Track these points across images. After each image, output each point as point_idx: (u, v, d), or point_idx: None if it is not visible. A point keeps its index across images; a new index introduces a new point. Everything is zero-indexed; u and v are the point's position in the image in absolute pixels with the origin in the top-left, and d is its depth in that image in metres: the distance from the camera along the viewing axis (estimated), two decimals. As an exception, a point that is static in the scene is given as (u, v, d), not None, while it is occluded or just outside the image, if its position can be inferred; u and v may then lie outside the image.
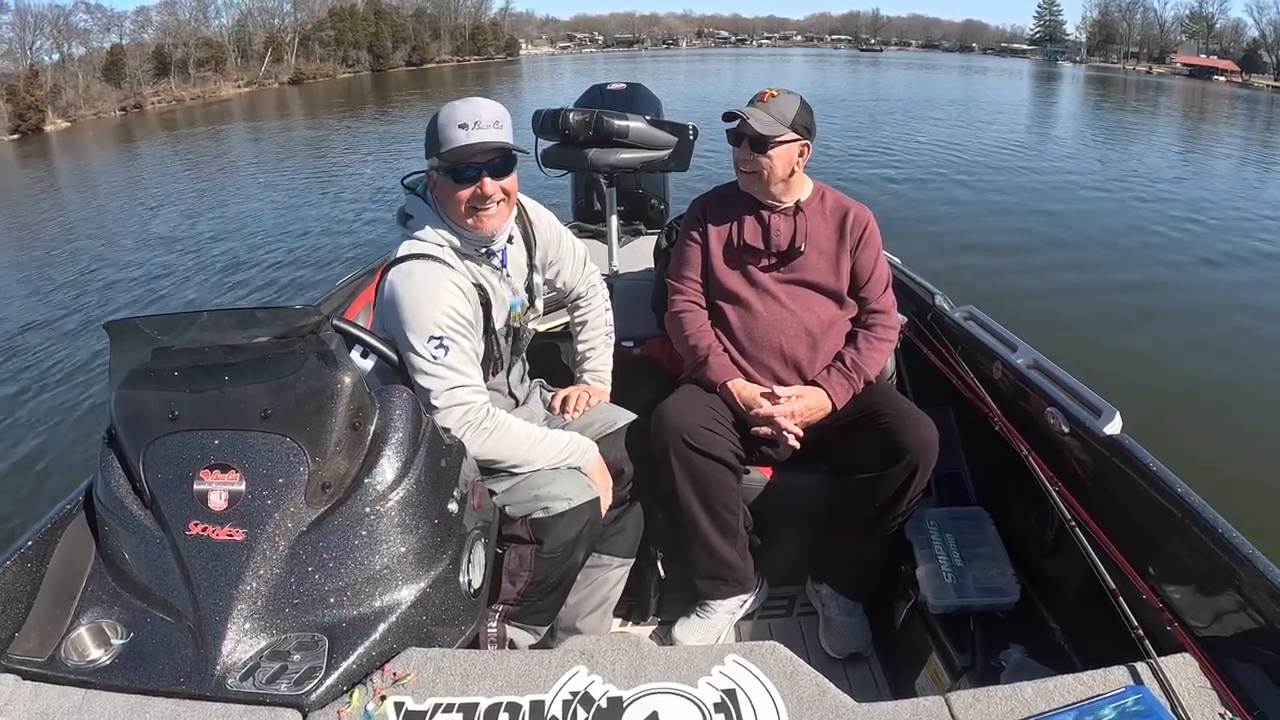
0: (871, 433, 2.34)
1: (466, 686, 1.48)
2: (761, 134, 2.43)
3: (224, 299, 9.66)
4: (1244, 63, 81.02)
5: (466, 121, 2.02)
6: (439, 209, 2.13)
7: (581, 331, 2.72)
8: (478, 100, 2.09)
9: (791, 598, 2.75)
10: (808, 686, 1.48)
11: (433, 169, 2.10)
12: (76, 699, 1.43)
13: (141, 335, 1.68)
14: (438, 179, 2.11)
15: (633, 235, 4.32)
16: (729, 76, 56.93)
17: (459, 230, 2.12)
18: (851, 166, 16.56)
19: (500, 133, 2.05)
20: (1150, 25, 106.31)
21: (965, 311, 2.97)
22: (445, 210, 2.13)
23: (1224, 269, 10.02)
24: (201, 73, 67.01)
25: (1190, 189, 15.45)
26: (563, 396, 2.57)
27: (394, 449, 1.65)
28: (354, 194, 15.76)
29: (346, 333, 1.97)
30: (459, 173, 2.05)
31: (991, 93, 44.67)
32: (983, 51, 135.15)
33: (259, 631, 1.49)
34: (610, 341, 2.74)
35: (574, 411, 2.52)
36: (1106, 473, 2.11)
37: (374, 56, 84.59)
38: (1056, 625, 2.26)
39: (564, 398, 2.57)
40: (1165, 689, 1.45)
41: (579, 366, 2.72)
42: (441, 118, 2.04)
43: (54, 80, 52.99)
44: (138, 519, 1.61)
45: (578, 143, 3.22)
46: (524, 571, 2.12)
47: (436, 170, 2.09)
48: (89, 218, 16.06)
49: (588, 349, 2.71)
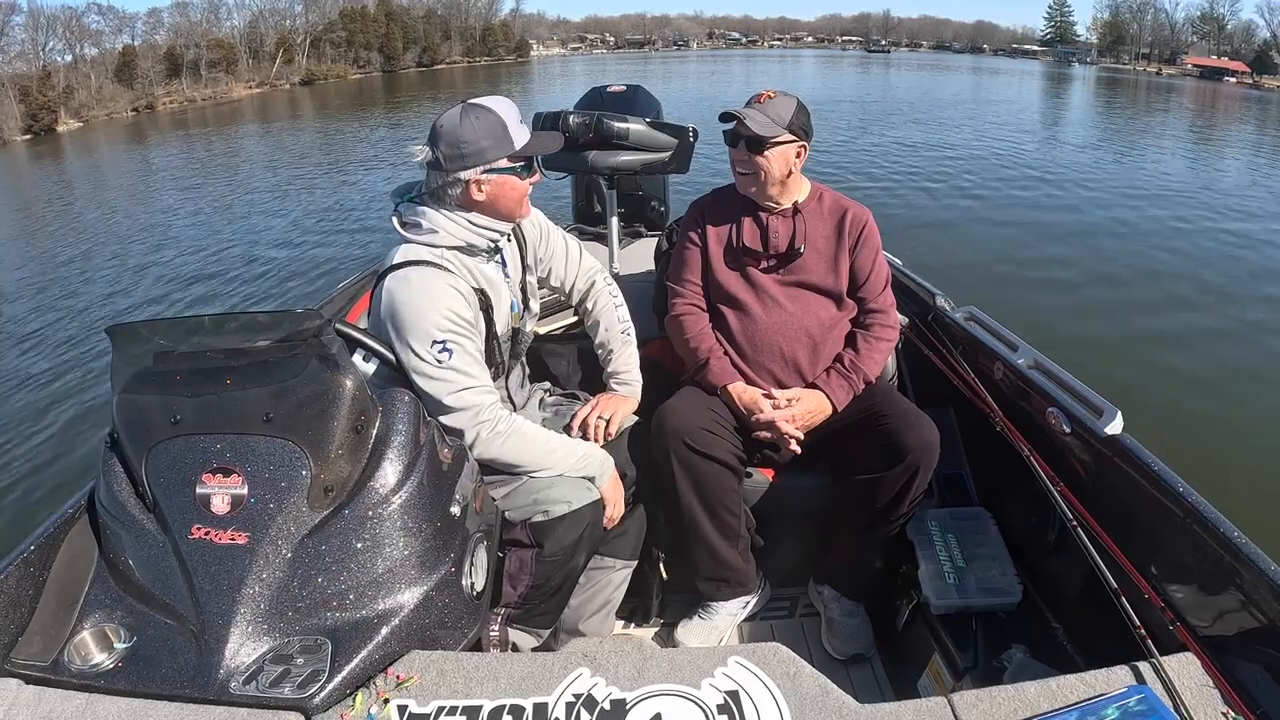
0: (873, 434, 2.34)
1: (470, 689, 1.48)
2: (758, 135, 2.43)
3: (228, 301, 9.70)
4: (1255, 64, 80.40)
5: (519, 118, 2.09)
6: (460, 211, 2.10)
7: (596, 334, 2.61)
8: (499, 99, 2.10)
9: (793, 599, 2.75)
10: (810, 687, 1.48)
11: (487, 172, 2.05)
12: (79, 703, 1.43)
13: (143, 339, 1.69)
14: (500, 179, 2.07)
15: (633, 237, 4.30)
16: (739, 78, 56.80)
17: (478, 228, 2.11)
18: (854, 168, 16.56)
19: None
20: (1161, 26, 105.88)
21: (966, 312, 2.97)
22: (497, 208, 2.12)
23: (1224, 270, 9.98)
24: (213, 74, 67.37)
25: (1193, 190, 15.41)
26: (580, 420, 2.40)
27: (396, 452, 1.65)
28: (362, 195, 15.81)
29: (348, 336, 1.97)
30: (530, 165, 2.12)
31: (1001, 94, 44.45)
32: (993, 53, 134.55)
33: (262, 635, 1.50)
34: (630, 339, 2.60)
35: (595, 436, 2.37)
36: (1108, 472, 2.11)
37: (385, 58, 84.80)
38: (1059, 625, 2.26)
39: (581, 421, 2.40)
40: (1168, 688, 1.45)
41: (605, 374, 2.60)
42: (500, 120, 2.04)
43: (66, 81, 53.39)
44: (140, 523, 1.62)
45: (578, 145, 3.21)
46: (525, 575, 2.12)
47: (499, 171, 2.06)
48: (98, 218, 16.18)
49: (606, 353, 2.58)
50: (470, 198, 2.07)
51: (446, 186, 2.07)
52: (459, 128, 2.00)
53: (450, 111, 2.06)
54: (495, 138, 2.03)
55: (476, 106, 2.04)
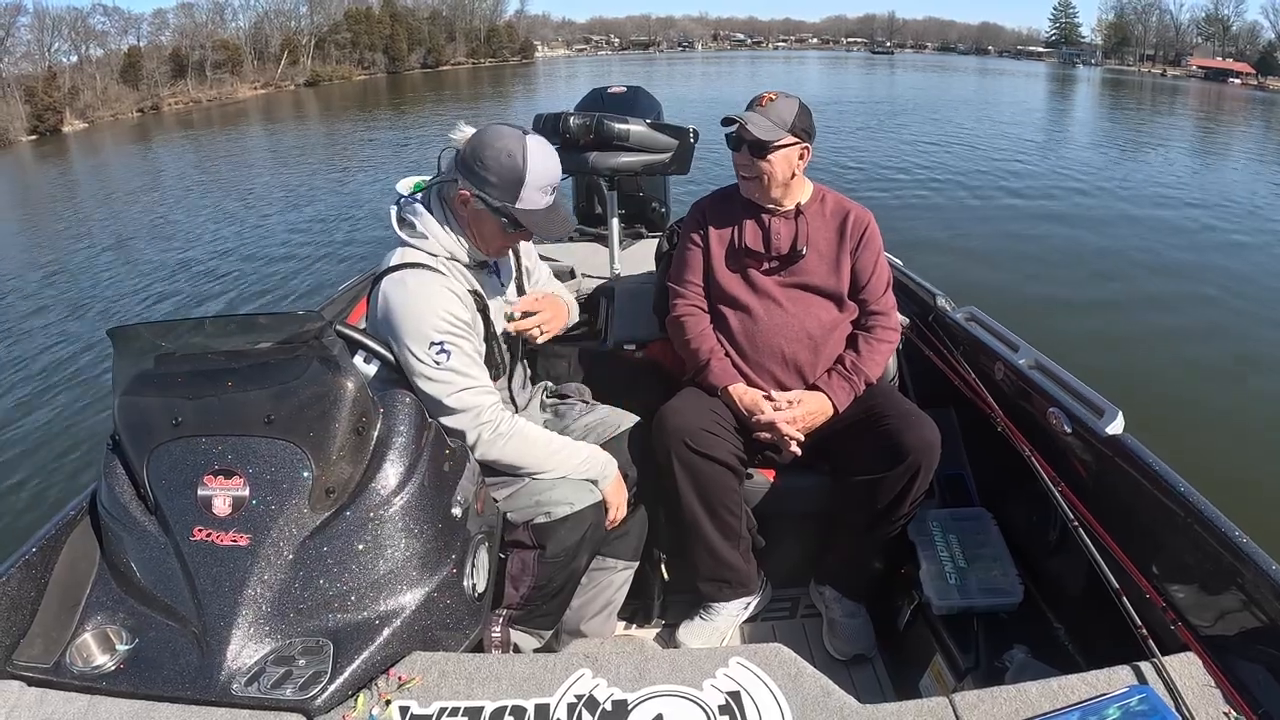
0: (874, 435, 2.34)
1: (471, 690, 1.48)
2: (761, 139, 2.42)
3: (229, 303, 9.72)
4: (1260, 65, 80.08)
5: (550, 186, 2.05)
6: (454, 222, 2.10)
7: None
8: (548, 154, 2.06)
9: (795, 600, 2.75)
10: (812, 688, 1.49)
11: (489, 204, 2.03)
12: (81, 705, 1.44)
13: (145, 341, 1.69)
14: (485, 213, 2.05)
15: (634, 238, 4.32)
16: (744, 79, 56.74)
17: (462, 243, 2.11)
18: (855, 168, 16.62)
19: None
20: (1166, 28, 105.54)
21: (967, 312, 2.97)
22: (474, 232, 2.11)
23: (1224, 269, 9.99)
24: (218, 74, 67.44)
25: (1197, 192, 15.41)
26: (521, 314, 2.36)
27: (397, 453, 1.66)
28: (364, 196, 15.85)
29: (349, 338, 1.98)
30: (517, 226, 2.07)
31: (1006, 95, 44.42)
32: (998, 54, 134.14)
33: (264, 636, 1.50)
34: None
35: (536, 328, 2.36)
36: (1109, 472, 2.11)
37: (389, 59, 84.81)
38: (1060, 625, 2.26)
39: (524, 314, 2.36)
40: (1169, 688, 1.45)
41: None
42: (530, 171, 2.00)
43: (72, 82, 53.43)
44: (142, 525, 1.62)
45: (578, 146, 3.22)
46: (526, 576, 2.12)
47: (493, 210, 2.04)
48: (101, 219, 16.19)
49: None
50: (458, 205, 2.08)
51: (452, 181, 2.08)
52: (491, 147, 1.99)
53: (506, 130, 2.04)
54: (506, 185, 2.00)
55: (522, 146, 2.00)
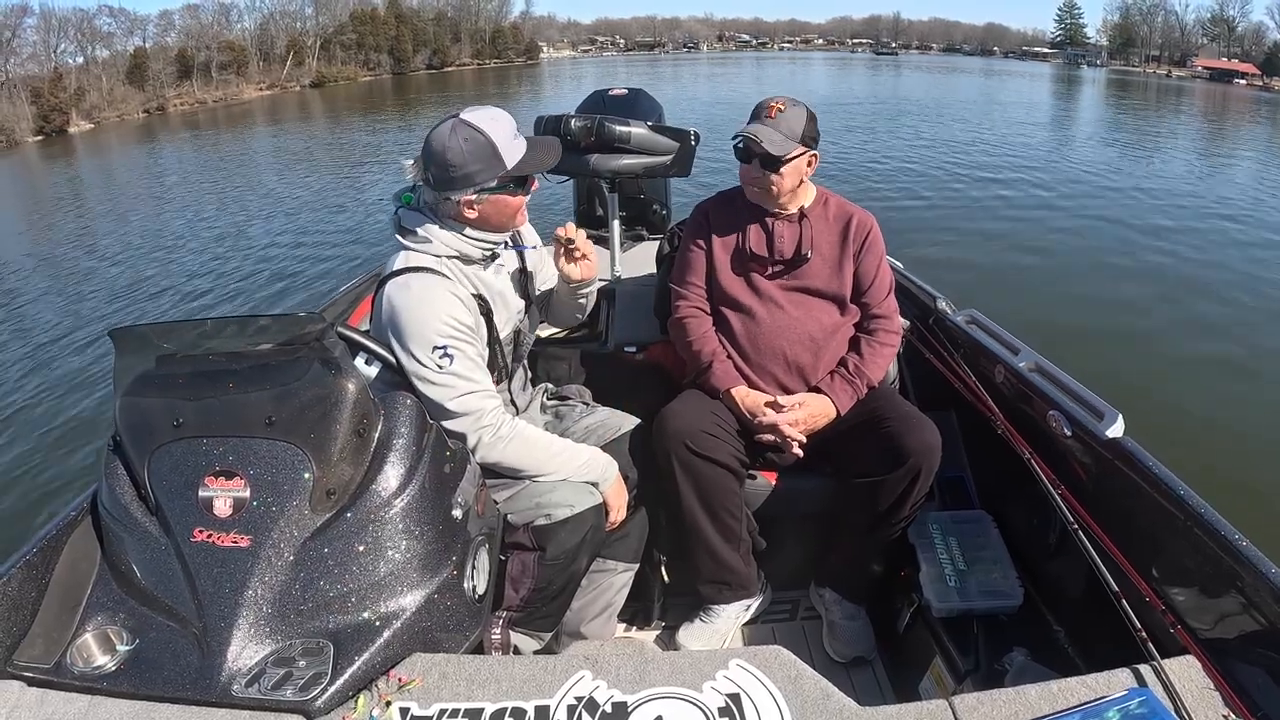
0: (874, 437, 2.33)
1: (472, 692, 1.48)
2: (773, 154, 2.39)
3: (231, 304, 9.74)
4: (1265, 66, 79.78)
5: (513, 131, 2.05)
6: (453, 223, 2.09)
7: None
8: (491, 109, 2.07)
9: (795, 602, 2.75)
10: (812, 690, 1.48)
11: (479, 193, 2.02)
12: (82, 705, 1.44)
13: (146, 342, 1.69)
14: (492, 198, 2.05)
15: (635, 241, 4.31)
16: (749, 80, 56.62)
17: (472, 240, 2.11)
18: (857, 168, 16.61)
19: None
20: (1171, 29, 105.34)
21: (967, 315, 2.97)
22: (492, 223, 2.11)
23: (1227, 270, 9.97)
24: (224, 75, 67.74)
25: (1202, 193, 15.36)
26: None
27: (398, 455, 1.66)
28: (368, 197, 15.83)
29: (350, 339, 1.98)
30: (524, 181, 2.09)
31: (1010, 96, 44.33)
32: (1004, 55, 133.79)
33: (264, 638, 1.50)
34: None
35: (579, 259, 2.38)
36: (1109, 475, 2.10)
37: (394, 60, 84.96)
38: (1060, 628, 2.26)
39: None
40: (1169, 691, 1.45)
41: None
42: (490, 142, 1.99)
43: (78, 82, 53.67)
44: (143, 526, 1.62)
45: (579, 148, 3.20)
46: (527, 579, 2.12)
47: (490, 191, 2.04)
48: (105, 220, 16.26)
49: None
50: (463, 215, 2.07)
51: (439, 202, 2.07)
52: (448, 149, 1.97)
53: (441, 129, 2.01)
54: (484, 160, 1.99)
55: (466, 126, 1.99)
